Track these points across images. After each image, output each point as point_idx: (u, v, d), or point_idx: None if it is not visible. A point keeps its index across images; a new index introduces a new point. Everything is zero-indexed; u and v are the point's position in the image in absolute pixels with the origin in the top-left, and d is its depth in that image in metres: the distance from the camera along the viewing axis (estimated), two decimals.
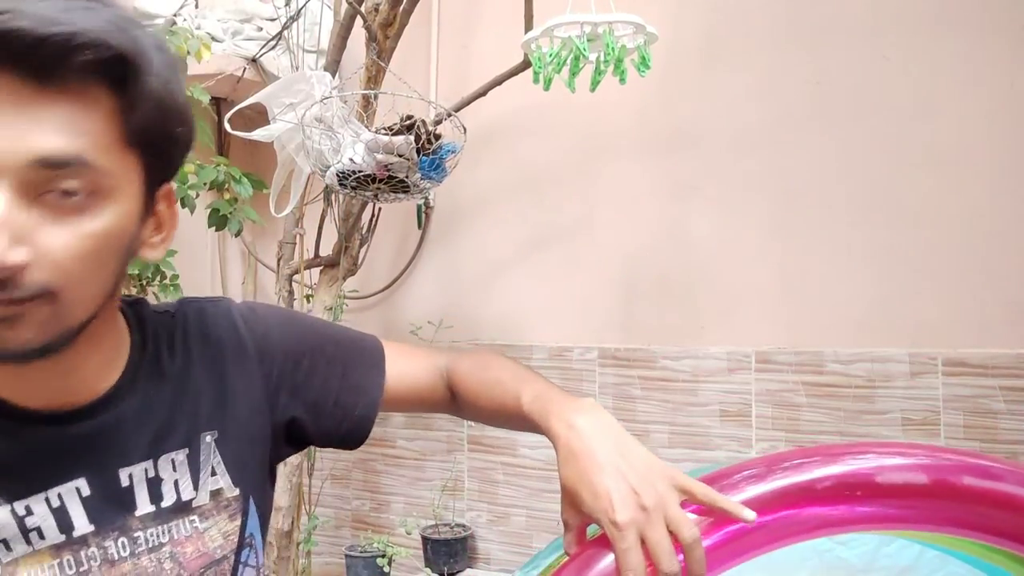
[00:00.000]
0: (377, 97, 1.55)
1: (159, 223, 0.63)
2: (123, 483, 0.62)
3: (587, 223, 1.69)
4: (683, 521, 0.57)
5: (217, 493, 0.68)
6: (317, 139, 1.39)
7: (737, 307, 1.55)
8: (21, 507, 0.59)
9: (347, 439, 0.79)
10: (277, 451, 0.77)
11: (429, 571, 1.65)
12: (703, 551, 0.56)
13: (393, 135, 1.38)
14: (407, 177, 1.43)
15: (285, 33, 1.80)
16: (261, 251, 2.03)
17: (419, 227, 1.84)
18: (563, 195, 1.71)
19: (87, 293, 0.56)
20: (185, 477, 0.67)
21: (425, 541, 1.68)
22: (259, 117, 1.52)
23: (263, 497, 0.73)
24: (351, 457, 1.92)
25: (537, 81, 1.27)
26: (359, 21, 1.49)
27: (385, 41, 1.50)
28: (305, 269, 1.70)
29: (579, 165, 1.70)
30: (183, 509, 0.66)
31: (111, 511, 0.61)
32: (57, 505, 0.60)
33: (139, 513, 0.62)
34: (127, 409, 0.64)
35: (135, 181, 0.58)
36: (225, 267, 1.99)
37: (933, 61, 1.42)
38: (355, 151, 1.38)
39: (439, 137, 1.47)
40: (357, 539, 1.86)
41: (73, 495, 0.61)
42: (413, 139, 1.39)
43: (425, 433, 1.83)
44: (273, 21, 1.87)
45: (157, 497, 0.64)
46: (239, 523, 0.69)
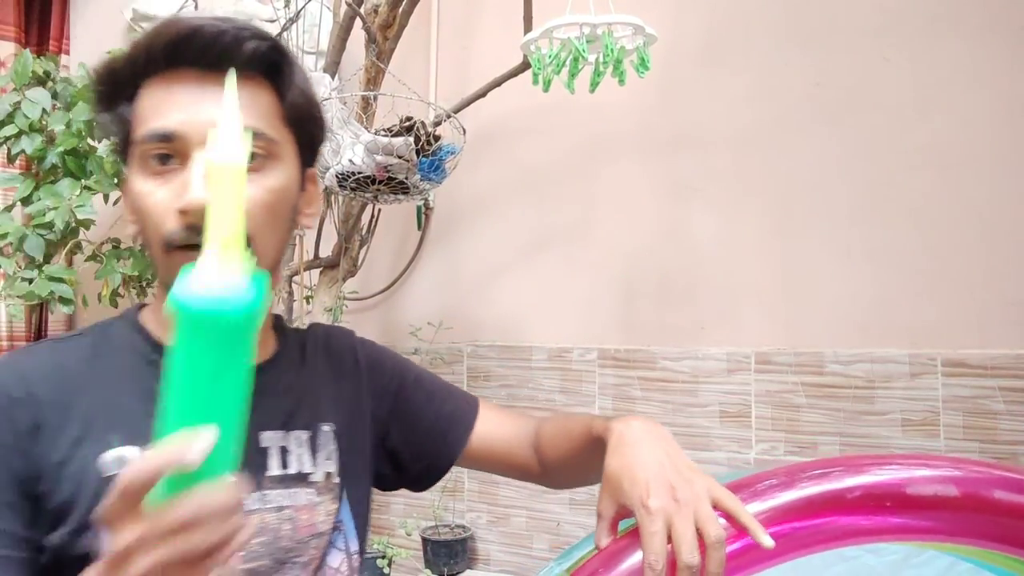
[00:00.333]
0: (376, 98, 1.55)
1: (309, 199, 0.76)
2: (261, 444, 0.71)
3: (587, 224, 1.69)
4: (711, 520, 0.58)
5: (328, 476, 0.77)
6: None
7: (737, 308, 1.55)
8: None
9: (430, 468, 0.90)
10: (376, 463, 0.87)
11: (429, 572, 1.65)
12: (724, 554, 0.57)
13: (392, 136, 1.38)
14: (407, 178, 1.43)
15: (284, 34, 1.80)
16: None
17: (419, 228, 1.84)
18: (563, 196, 1.71)
19: (271, 243, 0.68)
20: (307, 454, 0.75)
21: (425, 542, 1.68)
22: None
23: (360, 494, 0.81)
24: None
25: (536, 82, 1.27)
26: (358, 23, 1.49)
27: (384, 43, 1.50)
28: (305, 270, 1.71)
29: (579, 166, 1.70)
30: (302, 480, 0.74)
31: (250, 467, 0.68)
32: None
33: (270, 474, 0.71)
34: (272, 383, 0.73)
35: (292, 154, 0.71)
36: None
37: (933, 62, 1.42)
38: (354, 152, 1.39)
39: (439, 138, 1.47)
40: None
41: None
42: (412, 140, 1.39)
43: None
44: (272, 23, 1.87)
45: (285, 464, 0.72)
46: (337, 507, 0.78)
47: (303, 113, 0.72)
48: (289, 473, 0.72)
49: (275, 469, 0.71)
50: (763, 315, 1.53)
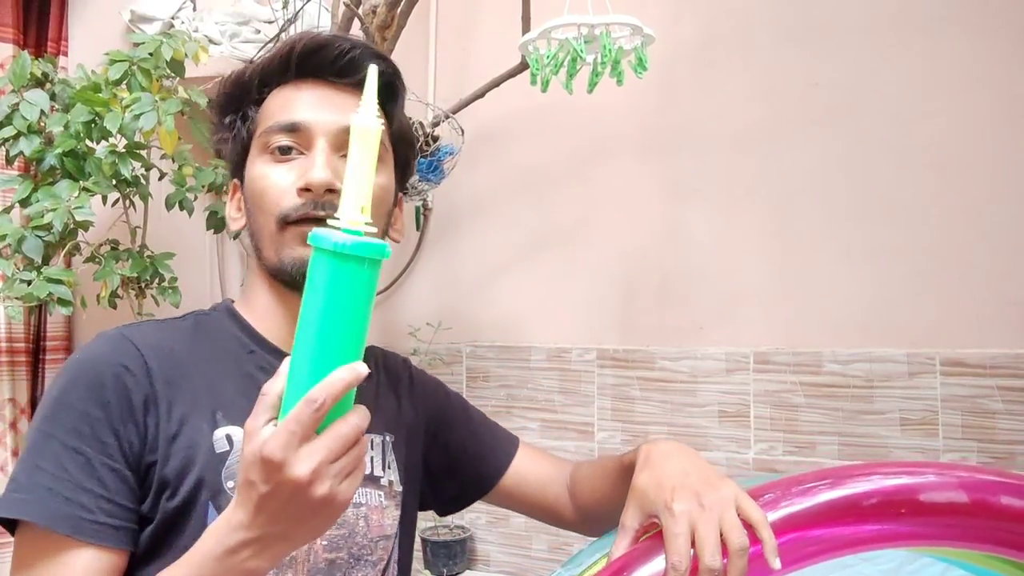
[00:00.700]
0: None
1: (399, 217, 0.84)
2: None
3: (585, 224, 1.69)
4: (736, 528, 0.58)
5: (391, 483, 0.82)
6: None
7: (735, 308, 1.55)
8: None
9: (462, 494, 0.94)
10: (424, 481, 0.92)
11: (428, 573, 1.65)
12: (746, 563, 0.57)
13: None
14: None
15: (283, 35, 1.80)
16: None
17: (417, 229, 1.84)
18: (561, 196, 1.72)
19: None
20: (378, 458, 0.80)
21: (424, 543, 1.68)
22: None
23: (411, 507, 0.86)
24: None
25: (535, 83, 1.27)
26: (357, 23, 1.50)
27: (383, 43, 1.50)
28: None
29: (577, 166, 1.70)
30: (375, 482, 0.79)
31: None
32: None
33: None
34: None
35: (391, 163, 0.79)
36: (224, 269, 1.99)
37: (932, 61, 1.42)
38: None
39: (437, 139, 1.47)
40: None
41: None
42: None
43: None
44: (271, 23, 1.87)
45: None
46: (399, 513, 0.83)
47: (404, 136, 0.81)
48: (365, 473, 0.75)
49: None
50: (762, 315, 1.53)
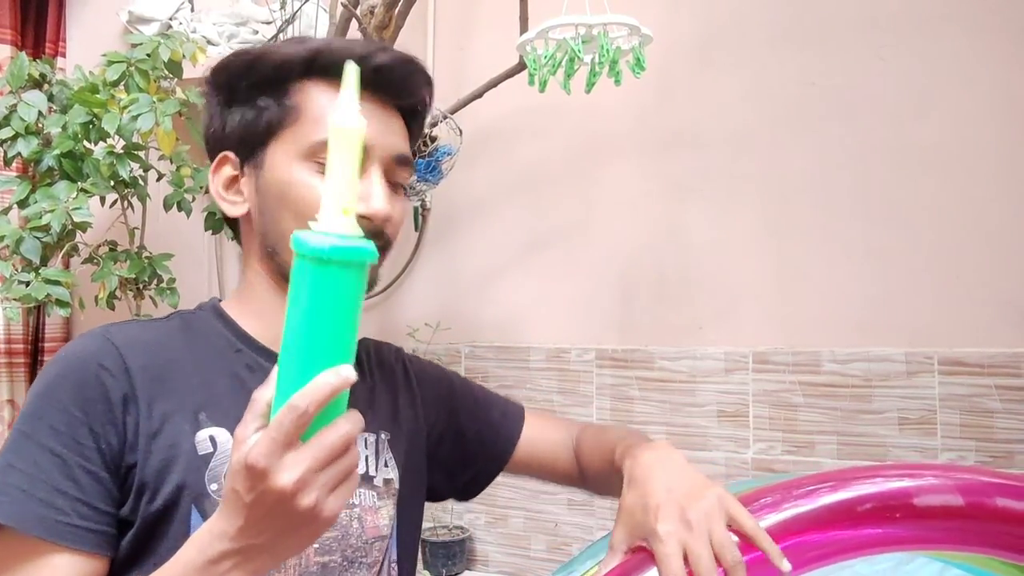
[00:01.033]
0: None
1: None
2: None
3: (584, 224, 1.69)
4: (727, 544, 0.57)
5: (388, 481, 0.80)
6: None
7: (734, 307, 1.55)
8: None
9: (478, 476, 0.93)
10: (429, 475, 0.89)
11: (427, 573, 1.65)
12: (745, 574, 0.57)
13: None
14: None
15: (280, 36, 1.80)
16: None
17: (416, 229, 1.84)
18: (560, 196, 1.72)
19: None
20: (372, 457, 0.79)
21: (423, 543, 1.68)
22: None
23: (411, 504, 0.84)
24: None
25: (532, 83, 1.27)
26: (354, 24, 1.49)
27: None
28: None
29: (575, 166, 1.70)
30: (368, 481, 0.78)
31: None
32: None
33: None
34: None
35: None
36: (223, 270, 1.99)
37: (929, 61, 1.42)
38: None
39: (435, 139, 1.47)
40: None
41: None
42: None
43: None
44: (269, 24, 1.87)
45: None
46: (395, 513, 0.80)
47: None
48: (355, 485, 0.75)
49: None
50: (760, 314, 1.53)
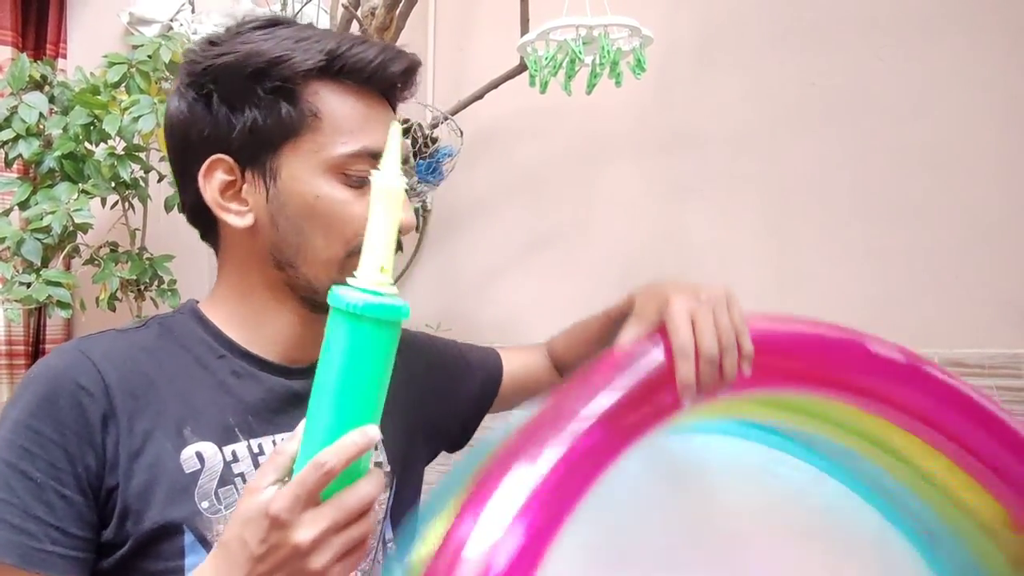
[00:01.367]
0: None
1: None
2: None
3: (584, 225, 1.69)
4: (727, 328, 0.65)
5: (379, 464, 0.79)
6: None
7: None
8: (256, 445, 0.69)
9: (465, 427, 0.97)
10: (426, 448, 0.91)
11: None
12: (736, 360, 0.66)
13: None
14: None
15: None
16: None
17: (416, 231, 1.84)
18: (560, 197, 1.72)
19: None
20: None
21: None
22: None
23: (406, 480, 0.84)
24: None
25: (533, 84, 1.27)
26: (355, 25, 1.50)
27: None
28: None
29: (576, 167, 1.70)
30: None
31: None
32: None
33: None
34: None
35: None
36: None
37: (929, 61, 1.42)
38: None
39: (436, 141, 1.47)
40: None
41: None
42: (410, 143, 1.39)
43: None
44: None
45: None
46: (388, 495, 0.80)
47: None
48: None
49: None
50: None
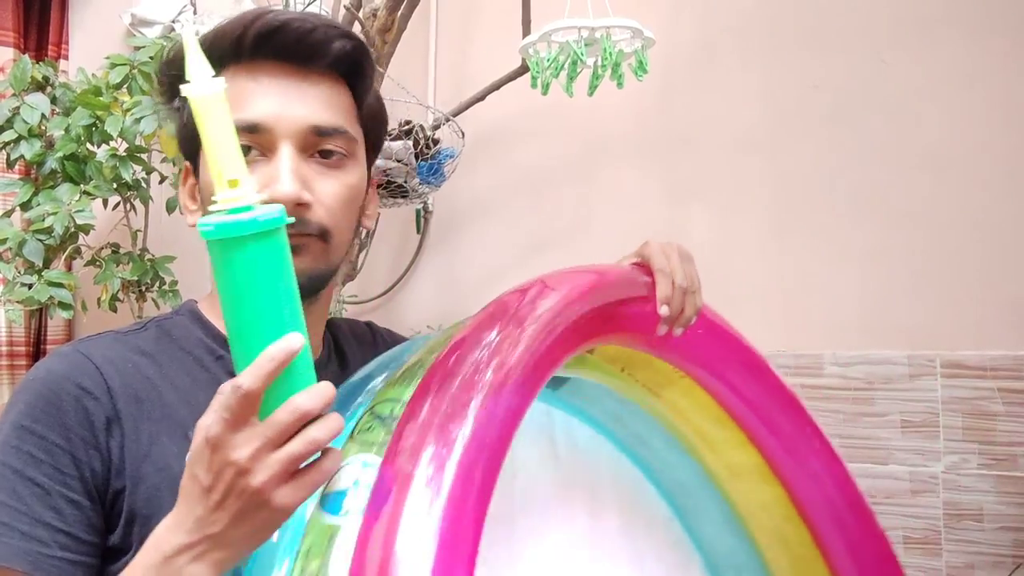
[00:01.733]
0: None
1: (371, 200, 0.77)
2: None
3: (586, 226, 1.69)
4: (692, 277, 0.83)
5: None
6: None
7: (736, 310, 1.54)
8: None
9: None
10: None
11: None
12: (697, 299, 0.82)
13: (391, 140, 1.38)
14: (406, 182, 1.44)
15: None
16: None
17: (418, 232, 1.84)
18: (562, 199, 1.72)
19: (344, 239, 0.70)
20: None
21: None
22: None
23: None
24: None
25: (535, 86, 1.28)
26: (357, 27, 1.50)
27: (383, 47, 1.51)
28: None
29: (577, 169, 1.70)
30: None
31: None
32: None
33: None
34: (326, 376, 0.78)
35: (363, 152, 0.73)
36: None
37: (931, 63, 1.42)
38: None
39: (437, 142, 1.47)
40: None
41: None
42: (411, 144, 1.39)
43: None
44: None
45: None
46: None
47: (375, 114, 0.75)
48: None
49: None
50: (762, 317, 1.53)
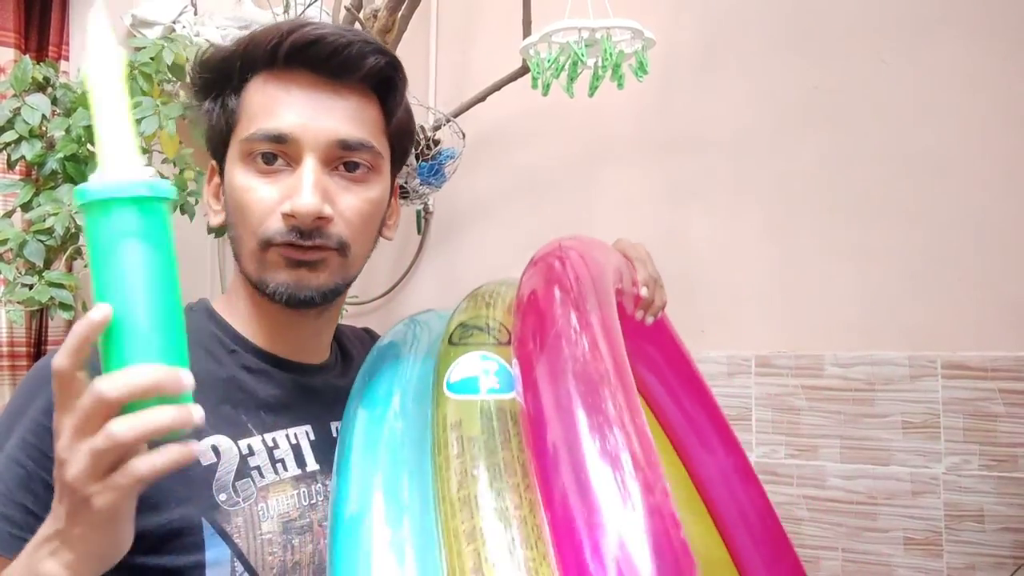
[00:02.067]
0: None
1: (392, 211, 0.79)
2: (333, 434, 0.73)
3: (586, 227, 1.69)
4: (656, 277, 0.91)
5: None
6: None
7: (737, 311, 1.55)
8: (270, 439, 0.70)
9: None
10: None
11: None
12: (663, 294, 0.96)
13: None
14: (406, 183, 1.44)
15: None
16: None
17: (418, 232, 1.84)
18: (562, 199, 1.72)
19: (362, 251, 0.73)
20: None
21: None
22: None
23: None
24: None
25: (536, 86, 1.28)
26: (357, 27, 1.50)
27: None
28: None
29: (578, 169, 1.70)
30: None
31: (328, 455, 0.69)
32: (294, 443, 0.72)
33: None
34: (333, 378, 0.79)
35: (388, 166, 0.74)
36: (225, 273, 1.99)
37: (931, 64, 1.42)
38: None
39: (438, 143, 1.47)
40: None
41: (304, 436, 0.73)
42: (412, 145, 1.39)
43: None
44: None
45: None
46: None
47: (403, 128, 0.76)
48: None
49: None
50: (763, 318, 1.53)
